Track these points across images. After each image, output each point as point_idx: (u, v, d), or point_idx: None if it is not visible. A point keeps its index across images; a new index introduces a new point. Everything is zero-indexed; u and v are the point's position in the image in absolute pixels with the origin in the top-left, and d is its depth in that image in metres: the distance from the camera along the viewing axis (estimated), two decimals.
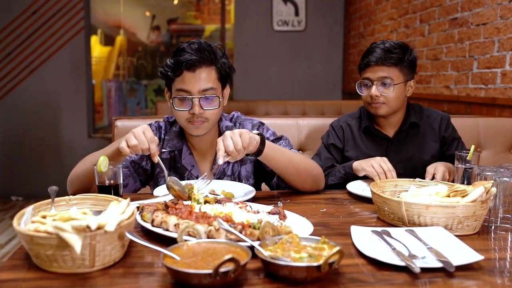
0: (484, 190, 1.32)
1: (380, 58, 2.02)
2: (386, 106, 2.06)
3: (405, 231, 1.29)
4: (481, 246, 1.28)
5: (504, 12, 2.88)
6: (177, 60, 1.74)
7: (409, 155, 2.12)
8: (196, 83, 1.74)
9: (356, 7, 5.59)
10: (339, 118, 2.30)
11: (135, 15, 6.99)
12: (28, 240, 1.03)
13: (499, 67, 2.95)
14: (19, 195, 5.60)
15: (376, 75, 2.04)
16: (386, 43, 2.06)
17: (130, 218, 1.12)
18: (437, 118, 2.17)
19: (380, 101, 2.04)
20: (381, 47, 2.04)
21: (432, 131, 2.15)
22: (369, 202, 1.67)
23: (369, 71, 2.06)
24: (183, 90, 1.75)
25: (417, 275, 1.04)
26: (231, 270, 0.94)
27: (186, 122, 1.78)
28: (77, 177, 1.71)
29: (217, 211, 1.33)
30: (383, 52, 2.03)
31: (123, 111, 7.06)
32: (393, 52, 2.03)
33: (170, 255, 1.01)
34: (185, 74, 1.74)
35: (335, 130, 2.23)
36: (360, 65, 2.11)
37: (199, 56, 1.72)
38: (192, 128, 1.79)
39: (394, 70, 2.04)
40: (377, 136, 2.15)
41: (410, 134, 2.14)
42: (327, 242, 1.10)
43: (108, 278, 1.04)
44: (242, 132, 1.54)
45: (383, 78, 2.03)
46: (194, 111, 1.74)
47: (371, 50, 2.07)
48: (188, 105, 1.75)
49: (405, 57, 2.05)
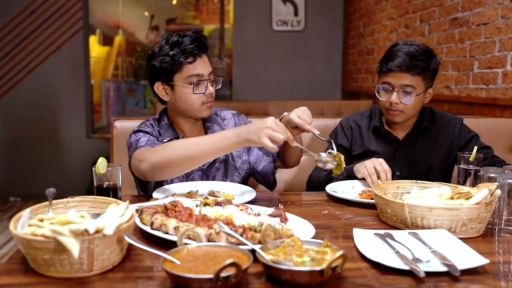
0: (489, 192, 1.30)
1: (405, 65, 1.92)
2: (403, 114, 1.99)
3: (408, 233, 1.28)
4: (485, 249, 1.26)
5: (505, 12, 2.86)
6: (187, 48, 1.82)
7: (417, 159, 2.08)
8: (206, 67, 1.88)
9: (355, 7, 5.57)
10: (348, 116, 2.24)
11: (133, 15, 6.96)
12: (25, 244, 1.01)
13: (500, 67, 2.93)
14: (18, 196, 5.58)
15: (399, 82, 1.95)
16: (411, 47, 1.94)
17: (129, 221, 1.10)
18: (450, 124, 2.11)
19: (398, 108, 1.97)
20: (405, 51, 1.93)
21: (444, 136, 2.09)
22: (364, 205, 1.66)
23: (391, 76, 1.97)
24: (197, 75, 1.85)
25: (422, 279, 1.02)
26: (232, 275, 0.92)
27: (200, 105, 1.88)
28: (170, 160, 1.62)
29: (217, 213, 1.31)
30: (408, 58, 1.92)
31: (121, 111, 7.04)
32: (419, 59, 1.92)
33: (170, 259, 1.00)
34: (197, 60, 1.86)
35: (344, 129, 2.18)
36: (382, 68, 2.00)
37: (201, 43, 1.86)
38: (206, 109, 1.90)
39: (417, 79, 1.95)
40: (387, 138, 2.10)
41: (420, 137, 2.09)
42: (330, 246, 1.08)
43: (106, 282, 1.02)
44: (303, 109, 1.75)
45: (406, 86, 1.94)
46: (210, 91, 1.87)
47: (395, 53, 1.96)
48: (203, 88, 1.86)
49: (430, 65, 1.96)
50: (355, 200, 1.67)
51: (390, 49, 2.01)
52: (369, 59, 5.13)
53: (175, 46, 1.83)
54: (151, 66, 1.90)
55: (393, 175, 2.03)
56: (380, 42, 4.85)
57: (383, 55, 2.04)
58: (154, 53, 1.89)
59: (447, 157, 2.09)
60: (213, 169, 1.95)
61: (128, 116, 6.96)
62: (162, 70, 1.86)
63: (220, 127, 2.01)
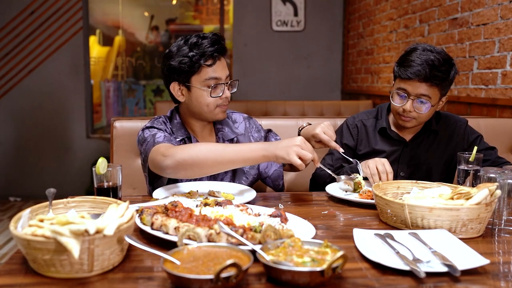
0: (489, 192, 1.30)
1: (425, 76, 1.86)
2: (415, 121, 1.97)
3: (409, 234, 1.28)
4: (485, 250, 1.26)
5: (505, 12, 2.86)
6: (206, 51, 1.82)
7: (422, 160, 2.08)
8: (224, 70, 1.88)
9: (355, 7, 5.57)
10: (354, 115, 2.22)
11: (133, 15, 6.96)
12: (25, 245, 1.01)
13: (499, 68, 2.93)
14: (17, 196, 5.58)
15: (416, 91, 1.90)
16: (432, 55, 1.87)
17: (129, 222, 1.10)
18: (456, 125, 2.10)
19: (411, 116, 1.95)
20: (425, 59, 1.87)
21: (450, 138, 2.09)
22: (364, 205, 1.66)
23: (408, 84, 1.91)
24: (215, 78, 1.85)
25: (422, 280, 1.02)
26: (233, 276, 0.92)
27: (215, 108, 1.88)
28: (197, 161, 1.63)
29: (217, 214, 1.31)
30: (429, 68, 1.86)
31: (121, 112, 7.03)
32: (439, 69, 1.87)
33: (170, 259, 1.00)
34: (217, 62, 1.86)
35: (350, 129, 2.16)
36: (400, 74, 1.93)
37: (222, 45, 1.87)
38: (220, 112, 1.90)
39: (434, 89, 1.90)
40: (393, 139, 2.09)
41: (426, 139, 2.08)
42: (330, 246, 1.08)
43: (107, 283, 1.02)
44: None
45: (422, 96, 1.90)
46: (226, 95, 1.88)
47: (415, 60, 1.88)
48: (220, 91, 1.86)
49: (449, 76, 1.91)
50: (355, 200, 1.67)
51: (409, 53, 1.94)
52: (369, 59, 5.14)
53: (195, 48, 1.82)
54: (168, 66, 1.88)
55: (397, 176, 2.04)
56: (379, 42, 4.85)
57: (400, 57, 1.99)
58: (172, 53, 1.87)
59: (451, 159, 2.09)
60: (222, 172, 1.95)
61: (128, 116, 6.97)
62: (180, 71, 1.85)
63: (231, 130, 2.02)
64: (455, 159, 2.06)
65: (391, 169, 1.79)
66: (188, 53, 1.82)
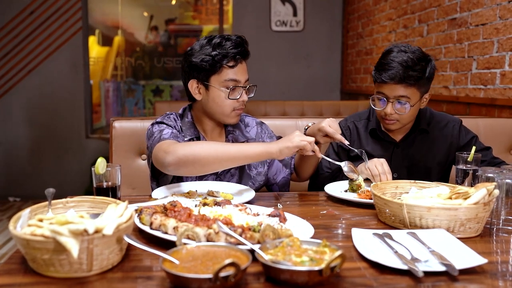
0: (487, 192, 1.31)
1: (399, 77, 1.88)
2: (399, 123, 1.98)
3: (407, 233, 1.28)
4: (483, 249, 1.27)
5: (504, 12, 2.87)
6: (229, 52, 1.82)
7: (415, 160, 2.08)
8: (244, 74, 1.89)
9: (354, 7, 5.58)
10: (347, 117, 2.24)
11: (133, 15, 6.96)
12: (25, 244, 1.01)
13: (498, 68, 2.94)
14: (17, 196, 5.58)
15: (393, 93, 1.92)
16: (405, 55, 1.89)
17: (128, 221, 1.10)
18: (449, 125, 2.10)
19: (393, 118, 1.96)
20: (399, 61, 1.88)
21: (442, 137, 2.09)
22: (362, 205, 1.66)
23: (385, 88, 1.93)
24: (234, 80, 1.85)
25: (420, 279, 1.03)
26: (231, 275, 0.92)
27: (231, 111, 1.88)
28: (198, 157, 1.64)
29: (216, 213, 1.31)
30: (403, 69, 1.87)
31: (121, 112, 7.03)
32: (414, 69, 1.88)
33: (169, 259, 1.00)
34: (239, 65, 1.86)
35: (343, 131, 2.14)
36: (376, 78, 1.96)
37: (245, 48, 1.88)
38: (235, 116, 1.90)
39: (412, 89, 1.91)
40: (383, 140, 2.10)
41: (417, 139, 2.09)
42: (329, 246, 1.08)
43: (106, 282, 1.02)
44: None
45: (400, 97, 1.91)
46: (244, 99, 1.88)
47: (389, 63, 1.91)
48: (237, 94, 1.86)
49: (425, 73, 1.92)
50: (354, 200, 1.68)
51: (384, 56, 1.96)
52: (368, 59, 5.14)
53: (218, 47, 1.82)
54: (189, 63, 1.87)
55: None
56: (379, 42, 4.85)
57: (377, 62, 2.01)
58: (194, 51, 1.87)
59: (445, 159, 2.09)
60: (228, 174, 1.95)
61: (127, 116, 6.97)
62: (201, 68, 1.84)
63: (242, 133, 2.01)
64: (450, 158, 2.07)
65: (390, 170, 1.80)
66: (211, 52, 1.82)
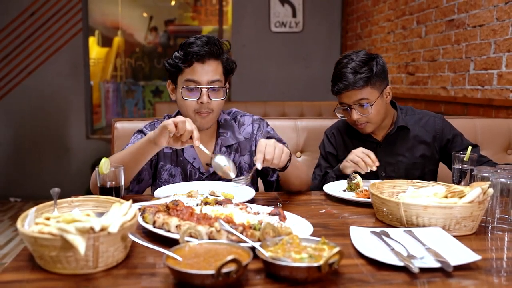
0: (481, 191, 1.34)
1: (350, 84, 1.98)
2: (370, 124, 2.05)
3: (404, 231, 1.31)
4: (478, 246, 1.30)
5: (500, 14, 2.90)
6: (188, 51, 1.81)
7: (399, 157, 2.13)
8: (205, 74, 1.82)
9: (353, 8, 5.61)
10: (332, 125, 2.32)
11: (132, 16, 6.99)
12: (32, 242, 1.04)
13: (495, 69, 2.97)
14: (18, 196, 5.60)
15: (351, 99, 2.01)
16: (351, 62, 2.01)
17: (132, 220, 1.13)
18: (430, 120, 2.16)
19: (363, 121, 2.03)
20: (347, 71, 2.00)
21: (424, 132, 2.13)
22: (361, 204, 1.69)
23: (343, 96, 2.03)
24: (192, 81, 1.83)
25: (416, 275, 1.06)
26: (233, 271, 0.95)
27: (194, 114, 1.85)
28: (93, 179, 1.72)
29: (217, 212, 1.34)
30: (351, 75, 1.99)
31: (121, 112, 7.06)
32: (361, 72, 1.98)
33: (172, 256, 1.03)
34: (195, 65, 1.82)
35: (329, 138, 2.26)
36: (333, 91, 2.08)
37: (208, 48, 1.82)
38: (199, 119, 1.86)
39: (366, 89, 2.00)
40: (366, 140, 2.15)
41: (399, 136, 2.13)
42: (327, 243, 1.11)
43: (111, 279, 1.05)
44: (284, 150, 1.63)
45: (359, 100, 2.00)
46: (203, 101, 1.82)
47: (340, 75, 2.03)
48: (196, 95, 1.83)
49: (373, 72, 2.00)
50: (352, 199, 1.71)
51: (335, 68, 2.08)
52: None
53: (184, 48, 1.83)
54: (164, 65, 1.91)
55: (378, 176, 2.09)
56: (377, 43, 4.89)
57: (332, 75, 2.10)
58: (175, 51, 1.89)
59: (430, 153, 2.14)
60: None
61: (127, 117, 7.00)
62: (169, 70, 1.88)
63: (233, 135, 1.99)
64: (435, 151, 2.13)
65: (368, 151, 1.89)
66: (177, 52, 1.85)
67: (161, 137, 1.56)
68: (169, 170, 1.95)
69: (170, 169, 1.95)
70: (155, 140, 1.58)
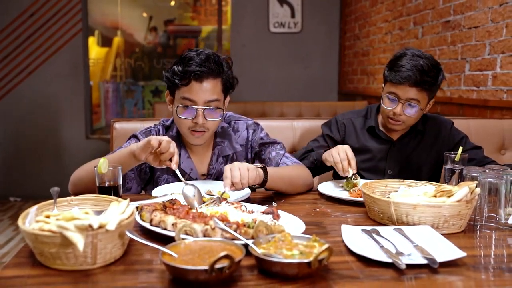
0: (469, 190, 1.38)
1: (414, 80, 1.94)
2: (404, 124, 2.06)
3: (394, 229, 1.35)
4: (466, 244, 1.34)
5: (495, 15, 2.94)
6: (186, 70, 1.76)
7: (409, 159, 2.16)
8: (202, 94, 1.77)
9: (351, 9, 5.65)
10: (344, 113, 2.31)
11: (132, 16, 7.02)
12: (33, 239, 1.08)
13: (490, 70, 3.01)
14: (18, 196, 5.64)
15: (406, 95, 1.98)
16: (421, 60, 1.95)
17: (130, 218, 1.17)
18: (442, 127, 2.19)
19: (401, 119, 2.03)
20: (415, 65, 1.94)
21: (435, 138, 2.17)
22: (354, 203, 1.73)
23: (399, 88, 1.98)
24: (188, 99, 1.78)
25: (403, 271, 1.10)
26: (226, 267, 0.99)
27: (188, 131, 1.83)
28: (80, 179, 1.74)
29: (213, 211, 1.38)
30: (418, 73, 1.94)
31: (120, 112, 7.10)
32: (429, 75, 1.95)
33: (168, 252, 1.07)
34: (192, 84, 1.77)
35: (338, 124, 2.25)
36: (391, 78, 2.00)
37: (207, 68, 1.76)
38: (193, 138, 1.84)
39: (423, 93, 1.98)
40: (380, 137, 2.17)
41: (413, 139, 2.17)
42: (318, 240, 1.15)
43: (109, 274, 1.09)
44: (249, 167, 1.61)
45: (411, 100, 1.98)
46: (198, 121, 1.78)
47: (405, 65, 1.96)
48: (192, 114, 1.79)
49: (437, 81, 2.00)
50: (345, 199, 1.75)
51: (399, 58, 2.01)
52: (365, 61, 5.21)
53: (183, 63, 1.78)
54: (164, 75, 1.86)
55: (385, 174, 2.13)
56: (375, 43, 4.93)
57: (390, 62, 2.06)
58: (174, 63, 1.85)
59: (437, 158, 2.16)
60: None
61: (127, 117, 7.03)
62: (167, 82, 1.84)
63: (230, 145, 1.97)
64: (441, 158, 2.14)
65: (353, 155, 1.87)
66: (177, 67, 1.79)
67: (142, 152, 1.58)
68: (166, 180, 1.94)
69: (167, 179, 1.95)
70: (135, 153, 1.60)
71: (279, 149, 1.99)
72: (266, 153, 1.98)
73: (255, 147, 2.00)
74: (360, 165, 2.15)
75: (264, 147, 2.00)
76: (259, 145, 2.00)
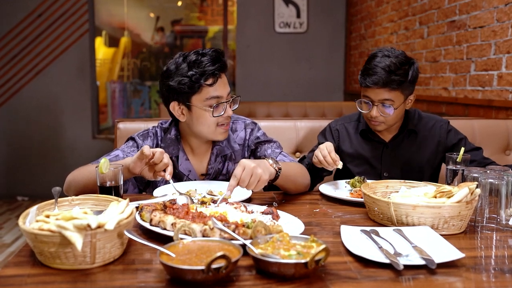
0: (469, 191, 1.37)
1: (383, 82, 1.95)
2: (385, 124, 2.06)
3: (393, 230, 1.35)
4: (466, 245, 1.33)
5: (500, 15, 2.92)
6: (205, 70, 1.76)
7: (405, 159, 2.15)
8: (225, 88, 1.83)
9: (357, 9, 5.63)
10: (337, 119, 2.32)
11: (139, 17, 7.06)
12: (33, 238, 1.09)
13: (495, 70, 2.99)
14: (25, 195, 5.69)
15: (378, 97, 2.00)
16: (387, 60, 1.97)
17: (129, 218, 1.18)
18: (436, 125, 2.17)
19: (379, 120, 2.04)
20: (382, 66, 1.96)
21: (431, 137, 2.16)
22: (355, 204, 1.73)
23: (370, 92, 2.01)
24: (217, 97, 1.80)
25: (401, 272, 1.10)
26: (222, 267, 1.00)
27: (216, 127, 1.84)
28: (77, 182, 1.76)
29: (212, 211, 1.39)
30: (385, 74, 1.95)
31: (127, 112, 7.14)
32: (396, 73, 1.95)
33: (166, 252, 1.07)
34: (218, 81, 1.80)
35: (332, 131, 2.27)
36: (361, 83, 2.04)
37: (221, 63, 1.80)
38: (222, 131, 1.86)
39: (396, 92, 1.98)
40: (373, 140, 2.18)
41: (406, 139, 2.16)
42: (316, 241, 1.15)
43: (108, 274, 1.10)
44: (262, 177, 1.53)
45: (384, 100, 1.99)
46: (228, 114, 1.83)
47: (373, 68, 1.98)
48: (221, 110, 1.82)
49: (408, 77, 1.98)
50: (346, 199, 1.75)
51: (369, 61, 2.03)
52: None
53: (194, 66, 1.76)
54: (167, 86, 1.81)
55: (380, 176, 2.13)
56: (381, 43, 4.91)
57: (363, 66, 2.07)
58: (170, 72, 1.80)
59: (434, 158, 2.16)
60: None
61: (133, 117, 7.06)
62: (179, 91, 1.79)
63: (229, 144, 1.97)
64: (438, 157, 2.14)
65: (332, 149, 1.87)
66: (188, 72, 1.76)
67: (135, 164, 1.62)
68: (165, 182, 1.94)
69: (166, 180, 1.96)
70: (129, 167, 1.63)
71: (274, 148, 2.00)
72: (262, 150, 2.00)
73: (251, 146, 2.02)
74: (356, 169, 2.17)
75: (260, 145, 2.02)
76: (255, 143, 2.02)
